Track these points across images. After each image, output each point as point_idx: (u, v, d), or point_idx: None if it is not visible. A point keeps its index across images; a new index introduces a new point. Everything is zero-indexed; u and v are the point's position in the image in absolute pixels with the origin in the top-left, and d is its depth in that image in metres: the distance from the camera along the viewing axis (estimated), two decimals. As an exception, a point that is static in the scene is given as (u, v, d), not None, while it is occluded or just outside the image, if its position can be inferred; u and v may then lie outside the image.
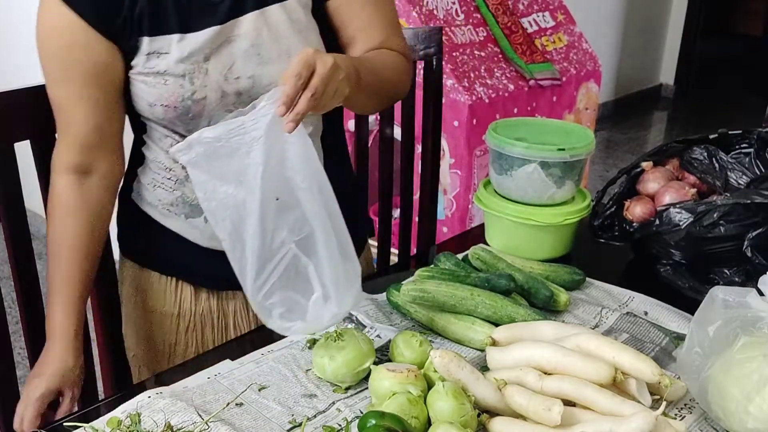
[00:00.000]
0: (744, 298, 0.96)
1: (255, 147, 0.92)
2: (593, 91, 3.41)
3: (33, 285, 1.27)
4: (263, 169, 0.92)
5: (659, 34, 5.75)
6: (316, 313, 0.99)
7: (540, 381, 0.94)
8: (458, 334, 1.13)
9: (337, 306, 0.99)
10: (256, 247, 0.95)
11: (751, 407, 0.89)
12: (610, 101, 5.34)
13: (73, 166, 1.15)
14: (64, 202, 1.16)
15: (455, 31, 2.95)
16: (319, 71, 0.92)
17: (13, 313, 2.11)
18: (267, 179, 0.93)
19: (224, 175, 0.94)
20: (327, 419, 0.97)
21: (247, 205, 0.94)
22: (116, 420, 0.93)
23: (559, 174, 1.34)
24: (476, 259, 1.30)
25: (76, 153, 1.14)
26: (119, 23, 1.06)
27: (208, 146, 0.93)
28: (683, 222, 1.26)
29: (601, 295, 1.28)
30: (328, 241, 0.97)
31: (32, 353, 1.29)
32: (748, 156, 1.36)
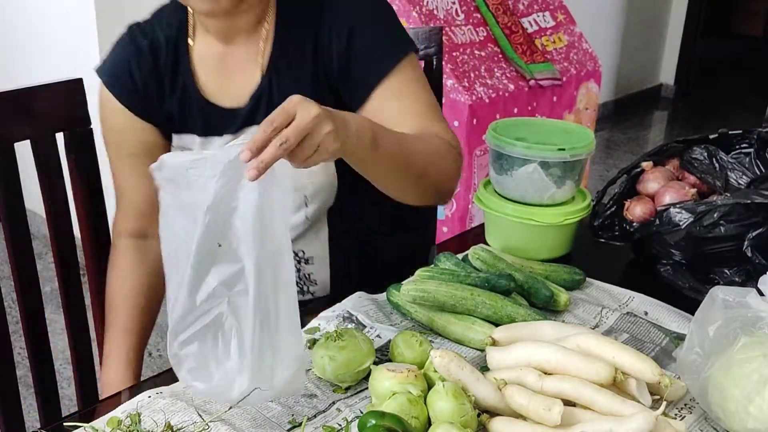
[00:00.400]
0: (744, 298, 0.96)
1: (209, 184, 0.84)
2: (593, 91, 3.41)
3: (33, 285, 1.27)
4: (208, 209, 0.84)
5: (659, 34, 5.75)
6: (224, 384, 0.88)
7: (540, 381, 0.94)
8: (458, 334, 1.13)
9: (250, 383, 0.86)
10: (186, 289, 0.87)
11: (751, 407, 0.89)
12: (610, 101, 5.35)
13: (130, 231, 1.28)
14: (123, 260, 1.28)
15: (455, 31, 2.95)
16: (296, 121, 0.86)
17: (13, 313, 2.11)
18: (212, 221, 0.84)
19: (182, 205, 0.87)
20: (327, 419, 0.97)
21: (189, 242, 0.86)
22: (116, 420, 0.93)
23: (559, 174, 1.34)
24: (476, 259, 1.30)
25: (131, 219, 1.28)
26: (156, 117, 1.23)
27: (173, 171, 0.87)
28: (683, 222, 1.26)
29: (601, 295, 1.28)
30: (262, 309, 0.85)
31: (32, 353, 1.29)
32: (749, 156, 1.36)
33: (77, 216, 1.33)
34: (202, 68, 1.22)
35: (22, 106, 1.23)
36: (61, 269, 1.32)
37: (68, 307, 1.34)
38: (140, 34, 1.24)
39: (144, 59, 1.22)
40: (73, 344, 1.36)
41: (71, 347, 1.36)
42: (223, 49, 1.22)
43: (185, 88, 1.22)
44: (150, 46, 1.22)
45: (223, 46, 1.21)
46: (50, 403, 1.33)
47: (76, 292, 1.34)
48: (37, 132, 1.25)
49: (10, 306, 2.19)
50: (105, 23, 2.61)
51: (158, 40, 1.22)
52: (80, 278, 1.35)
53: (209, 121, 1.22)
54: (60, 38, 2.82)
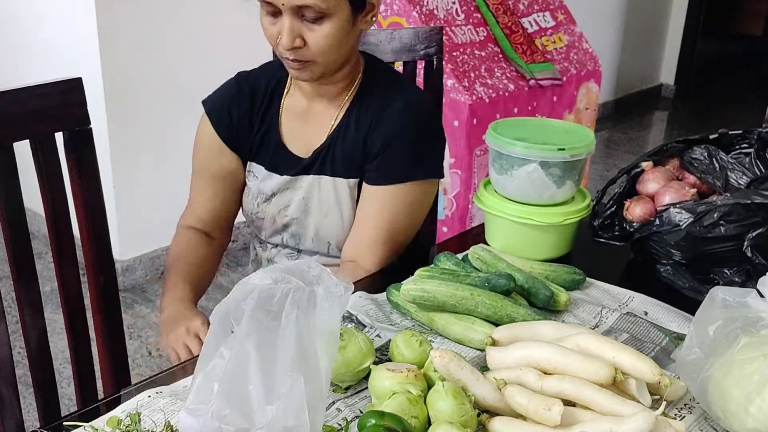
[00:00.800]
0: (744, 299, 0.96)
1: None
2: (593, 91, 3.41)
3: (33, 285, 1.27)
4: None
5: (659, 34, 5.75)
6: None
7: (540, 381, 0.94)
8: (458, 334, 1.13)
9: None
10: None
11: (751, 408, 0.89)
12: (610, 101, 5.34)
13: (193, 229, 1.49)
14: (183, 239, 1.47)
15: (455, 31, 2.95)
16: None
17: (13, 313, 2.11)
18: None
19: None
20: (327, 419, 0.97)
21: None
22: (116, 419, 0.93)
23: (559, 174, 1.34)
24: (476, 259, 1.30)
25: (195, 221, 1.49)
26: (240, 147, 1.44)
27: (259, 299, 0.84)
28: (683, 222, 1.26)
29: (601, 295, 1.28)
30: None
31: (32, 353, 1.29)
32: (748, 156, 1.36)
33: (77, 216, 1.33)
34: (287, 117, 1.43)
35: (22, 106, 1.22)
36: (61, 269, 1.32)
37: (68, 307, 1.34)
38: (245, 81, 1.44)
39: (243, 101, 1.42)
40: (72, 344, 1.36)
41: (71, 347, 1.36)
42: (307, 106, 1.41)
43: (269, 129, 1.42)
44: (250, 91, 1.43)
45: (308, 103, 1.41)
46: (50, 403, 1.33)
47: (76, 292, 1.34)
48: (37, 132, 1.24)
49: (10, 306, 2.19)
50: (105, 23, 2.61)
51: (259, 88, 1.43)
52: (80, 278, 1.34)
53: (277, 161, 1.42)
54: (60, 38, 2.82)
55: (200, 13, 2.87)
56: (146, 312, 2.81)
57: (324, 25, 1.24)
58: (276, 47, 1.27)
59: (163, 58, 2.81)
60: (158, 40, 2.78)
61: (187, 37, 2.86)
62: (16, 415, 1.28)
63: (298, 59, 1.26)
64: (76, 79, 1.29)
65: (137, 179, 2.84)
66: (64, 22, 2.76)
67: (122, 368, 1.41)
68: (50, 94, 1.27)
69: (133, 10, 2.67)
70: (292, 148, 1.41)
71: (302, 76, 1.31)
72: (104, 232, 1.36)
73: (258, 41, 1.79)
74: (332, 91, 1.39)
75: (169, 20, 2.79)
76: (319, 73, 1.30)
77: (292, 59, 1.26)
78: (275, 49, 1.29)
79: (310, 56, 1.26)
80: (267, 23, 1.26)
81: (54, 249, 1.31)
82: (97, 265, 1.36)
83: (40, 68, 2.96)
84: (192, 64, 2.87)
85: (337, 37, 1.25)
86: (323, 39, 1.24)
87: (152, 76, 2.78)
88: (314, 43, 1.24)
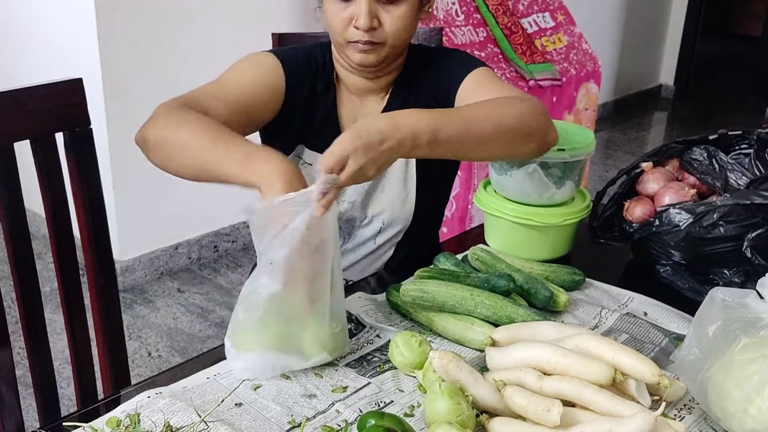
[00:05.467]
0: (744, 300, 0.96)
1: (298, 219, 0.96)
2: (593, 92, 3.41)
3: (33, 285, 1.27)
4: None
5: (659, 34, 5.75)
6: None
7: (539, 382, 0.94)
8: (458, 334, 1.13)
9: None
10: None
11: (750, 408, 0.89)
12: (610, 101, 5.35)
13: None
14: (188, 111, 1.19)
15: (455, 31, 2.95)
16: (347, 168, 1.01)
17: (12, 313, 2.11)
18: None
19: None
20: (327, 420, 0.97)
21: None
22: (116, 420, 0.93)
23: (559, 174, 1.34)
24: (476, 259, 1.30)
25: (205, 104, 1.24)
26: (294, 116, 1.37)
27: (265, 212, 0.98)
28: (683, 223, 1.26)
29: (601, 296, 1.28)
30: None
31: (31, 353, 1.29)
32: (748, 157, 1.36)
33: (77, 216, 1.33)
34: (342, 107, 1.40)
35: (22, 106, 1.23)
36: (61, 269, 1.32)
37: (68, 307, 1.34)
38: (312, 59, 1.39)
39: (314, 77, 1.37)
40: (72, 344, 1.36)
41: (71, 347, 1.36)
42: (358, 103, 1.41)
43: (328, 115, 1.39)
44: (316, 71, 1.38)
45: (357, 98, 1.41)
46: (49, 403, 1.33)
47: (75, 292, 1.34)
48: (37, 132, 1.25)
49: (9, 306, 2.19)
50: (105, 23, 2.61)
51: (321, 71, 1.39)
52: (80, 278, 1.34)
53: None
54: (60, 38, 2.82)
55: (200, 13, 2.87)
56: (146, 312, 2.81)
57: (399, 5, 1.26)
58: (343, 32, 1.27)
59: (163, 58, 2.81)
60: (158, 40, 2.78)
61: (187, 37, 2.86)
62: (16, 415, 1.28)
63: (372, 40, 1.27)
64: (77, 80, 1.29)
65: (137, 179, 2.83)
66: (64, 22, 2.76)
67: (122, 368, 1.41)
68: (50, 95, 1.27)
69: (133, 10, 2.67)
70: None
71: (368, 59, 1.29)
72: (104, 232, 1.36)
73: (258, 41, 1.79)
74: (381, 83, 1.39)
75: (169, 20, 2.79)
76: (384, 56, 1.30)
77: (365, 41, 1.26)
78: (340, 36, 1.28)
79: (383, 38, 1.27)
80: (336, 9, 1.27)
81: (54, 249, 1.31)
82: (97, 265, 1.36)
83: (40, 68, 2.96)
84: (192, 64, 2.87)
85: (409, 20, 1.29)
86: (399, 20, 1.27)
87: (152, 76, 2.78)
88: (390, 24, 1.27)
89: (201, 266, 3.12)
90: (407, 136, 1.07)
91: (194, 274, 3.06)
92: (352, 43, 1.28)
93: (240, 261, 3.16)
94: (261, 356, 1.03)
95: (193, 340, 2.64)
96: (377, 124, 1.05)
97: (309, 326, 1.03)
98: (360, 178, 1.03)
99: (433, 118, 1.11)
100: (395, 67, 1.38)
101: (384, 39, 1.28)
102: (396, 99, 1.39)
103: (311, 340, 1.04)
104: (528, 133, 1.23)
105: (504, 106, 1.22)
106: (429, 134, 1.09)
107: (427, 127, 1.09)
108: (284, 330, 1.02)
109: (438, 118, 1.12)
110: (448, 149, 1.14)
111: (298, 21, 3.11)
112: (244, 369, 1.04)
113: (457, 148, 1.16)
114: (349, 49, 1.29)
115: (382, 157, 1.04)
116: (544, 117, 1.26)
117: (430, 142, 1.09)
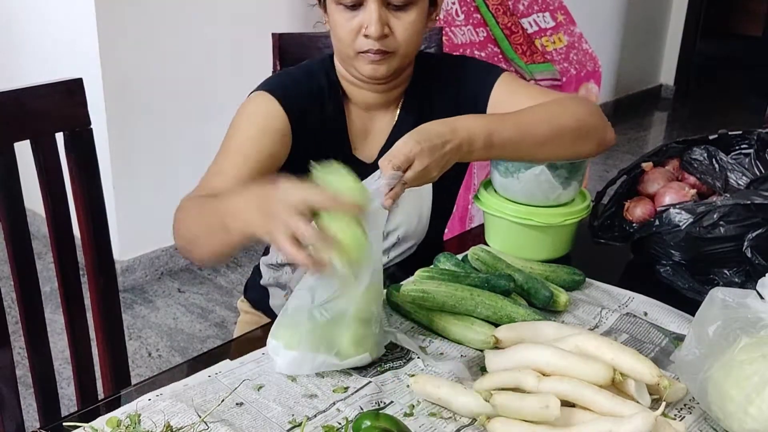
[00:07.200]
0: (744, 300, 0.96)
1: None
2: (593, 92, 3.41)
3: (33, 285, 1.27)
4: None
5: (659, 34, 5.75)
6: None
7: (538, 382, 0.94)
8: (458, 334, 1.13)
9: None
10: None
11: (751, 408, 0.89)
12: (610, 101, 5.34)
13: None
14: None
15: (455, 31, 2.95)
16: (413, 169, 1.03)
17: (12, 313, 2.11)
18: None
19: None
20: (327, 419, 0.97)
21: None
22: (116, 420, 0.93)
23: (566, 175, 1.34)
24: (476, 259, 1.30)
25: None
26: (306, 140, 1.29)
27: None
28: (683, 223, 1.26)
29: (601, 296, 1.29)
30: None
31: (31, 353, 1.29)
32: (748, 157, 1.36)
33: (77, 216, 1.33)
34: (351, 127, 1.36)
35: (22, 106, 1.23)
36: (61, 269, 1.32)
37: (68, 307, 1.34)
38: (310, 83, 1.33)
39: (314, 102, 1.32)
40: (72, 344, 1.36)
41: (71, 347, 1.36)
42: (367, 118, 1.37)
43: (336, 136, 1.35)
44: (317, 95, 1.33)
45: (366, 113, 1.37)
46: (50, 403, 1.33)
47: (75, 292, 1.34)
48: (37, 132, 1.25)
49: (10, 306, 2.19)
50: (105, 23, 2.61)
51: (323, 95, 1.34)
52: (80, 278, 1.34)
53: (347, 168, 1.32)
54: (60, 38, 2.82)
55: (200, 13, 2.87)
56: (146, 312, 2.81)
57: (410, 12, 1.23)
58: (352, 43, 1.24)
59: (163, 58, 2.81)
60: (158, 40, 2.78)
61: (187, 37, 2.86)
62: (16, 415, 1.28)
63: (383, 49, 1.23)
64: (77, 80, 1.29)
65: (137, 179, 2.84)
66: (64, 22, 2.76)
67: (122, 368, 1.41)
68: (51, 95, 1.27)
69: (133, 10, 2.67)
70: (358, 154, 1.37)
71: (379, 70, 1.26)
72: (104, 232, 1.36)
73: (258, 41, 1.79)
74: (389, 99, 1.36)
75: (169, 20, 2.79)
76: (395, 67, 1.27)
77: (376, 50, 1.23)
78: (348, 47, 1.24)
79: (395, 46, 1.24)
80: (343, 20, 1.23)
81: (54, 249, 1.31)
82: (97, 265, 1.36)
83: (40, 68, 2.96)
84: (192, 65, 2.87)
85: (419, 27, 1.26)
86: (410, 26, 1.24)
87: (152, 76, 2.78)
88: (401, 31, 1.23)
89: (201, 266, 3.12)
90: (464, 139, 1.10)
91: (194, 274, 3.07)
92: (362, 54, 1.24)
93: (240, 261, 3.16)
94: (304, 354, 1.04)
95: (193, 340, 2.64)
96: (437, 127, 1.08)
97: (353, 327, 1.04)
98: (424, 179, 1.06)
99: (487, 123, 1.15)
100: (404, 78, 1.35)
101: (395, 48, 1.24)
102: (408, 112, 1.37)
103: (353, 341, 1.04)
104: (587, 133, 1.26)
105: (559, 109, 1.25)
106: (484, 138, 1.12)
107: (482, 132, 1.12)
108: (331, 330, 1.03)
109: (493, 122, 1.16)
110: (504, 152, 1.18)
111: (298, 21, 3.11)
112: (286, 365, 1.05)
113: (514, 150, 1.19)
114: (358, 62, 1.26)
115: (444, 159, 1.07)
116: (599, 116, 1.28)
117: (486, 145, 1.13)
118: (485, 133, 1.12)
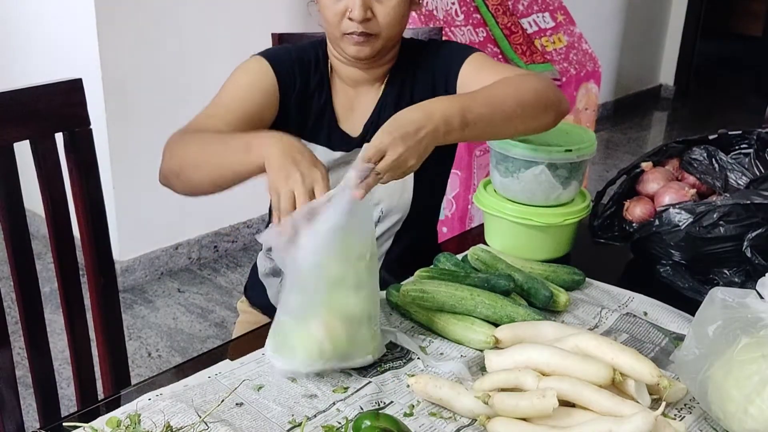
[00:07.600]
0: (744, 299, 0.96)
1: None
2: (593, 92, 3.41)
3: (33, 285, 1.27)
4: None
5: (659, 35, 5.75)
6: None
7: (538, 382, 0.94)
8: (458, 334, 1.13)
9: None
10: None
11: (751, 408, 0.89)
12: (609, 101, 5.34)
13: None
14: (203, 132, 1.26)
15: (455, 31, 2.95)
16: (386, 159, 1.03)
17: (12, 313, 2.11)
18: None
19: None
20: (327, 418, 0.97)
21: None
22: (116, 420, 0.93)
23: (566, 175, 1.34)
24: (476, 259, 1.30)
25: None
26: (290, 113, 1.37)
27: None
28: (683, 222, 1.26)
29: (601, 296, 1.29)
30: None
31: (31, 353, 1.29)
32: (748, 156, 1.36)
33: (77, 216, 1.33)
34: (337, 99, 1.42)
35: (22, 106, 1.23)
36: (61, 269, 1.32)
37: (68, 308, 1.34)
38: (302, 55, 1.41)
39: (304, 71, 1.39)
40: (72, 344, 1.36)
41: (71, 347, 1.36)
42: (353, 94, 1.42)
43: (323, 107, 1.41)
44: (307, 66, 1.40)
45: (353, 90, 1.42)
46: (49, 403, 1.33)
47: (75, 292, 1.34)
48: (37, 132, 1.25)
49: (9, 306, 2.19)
50: (105, 23, 2.61)
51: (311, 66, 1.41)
52: (80, 278, 1.34)
53: (333, 140, 1.41)
54: (60, 38, 2.82)
55: (200, 13, 2.87)
56: (146, 312, 2.81)
57: None
58: (338, 25, 1.30)
59: (163, 58, 2.81)
60: (158, 40, 2.78)
61: (187, 36, 2.86)
62: (16, 416, 1.28)
63: (366, 32, 1.29)
64: (77, 80, 1.29)
65: (137, 179, 2.83)
66: (64, 22, 2.76)
67: (122, 369, 1.41)
68: (50, 95, 1.27)
69: (133, 10, 2.67)
70: (344, 127, 1.42)
71: (363, 51, 1.32)
72: (104, 232, 1.36)
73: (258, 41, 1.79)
74: (376, 75, 1.41)
75: (169, 20, 2.79)
76: (378, 49, 1.33)
77: (359, 33, 1.29)
78: (335, 28, 1.31)
79: (377, 29, 1.30)
80: (330, 2, 1.29)
81: (54, 249, 1.31)
82: (97, 265, 1.36)
83: (40, 68, 2.96)
84: (191, 64, 2.87)
85: (402, 11, 1.31)
86: (392, 10, 1.29)
87: (152, 76, 2.78)
88: (384, 15, 1.29)
89: (201, 266, 3.12)
90: (440, 121, 1.10)
91: (194, 274, 3.06)
92: (347, 35, 1.30)
93: (240, 261, 3.16)
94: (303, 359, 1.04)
95: (193, 340, 2.64)
96: (410, 114, 1.08)
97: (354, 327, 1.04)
98: (401, 168, 1.06)
99: (459, 101, 1.16)
100: (389, 58, 1.40)
101: (378, 31, 1.30)
102: (392, 89, 1.42)
103: (355, 341, 1.05)
104: (546, 105, 1.27)
105: (520, 83, 1.26)
106: (460, 117, 1.12)
107: (457, 111, 1.13)
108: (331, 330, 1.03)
109: (464, 100, 1.17)
110: (478, 130, 1.18)
111: (298, 21, 3.11)
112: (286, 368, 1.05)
113: (486, 127, 1.19)
114: (344, 42, 1.32)
115: (420, 145, 1.07)
116: (555, 88, 1.31)
117: (462, 124, 1.13)
118: (460, 112, 1.13)
